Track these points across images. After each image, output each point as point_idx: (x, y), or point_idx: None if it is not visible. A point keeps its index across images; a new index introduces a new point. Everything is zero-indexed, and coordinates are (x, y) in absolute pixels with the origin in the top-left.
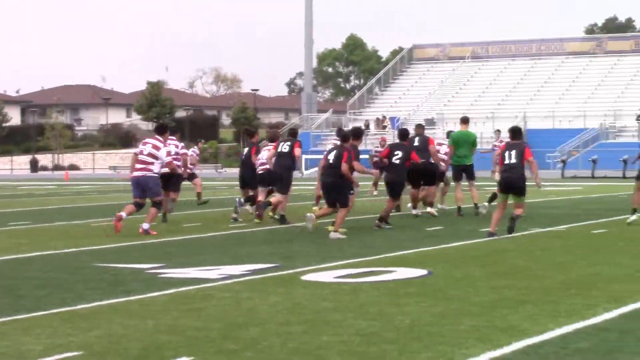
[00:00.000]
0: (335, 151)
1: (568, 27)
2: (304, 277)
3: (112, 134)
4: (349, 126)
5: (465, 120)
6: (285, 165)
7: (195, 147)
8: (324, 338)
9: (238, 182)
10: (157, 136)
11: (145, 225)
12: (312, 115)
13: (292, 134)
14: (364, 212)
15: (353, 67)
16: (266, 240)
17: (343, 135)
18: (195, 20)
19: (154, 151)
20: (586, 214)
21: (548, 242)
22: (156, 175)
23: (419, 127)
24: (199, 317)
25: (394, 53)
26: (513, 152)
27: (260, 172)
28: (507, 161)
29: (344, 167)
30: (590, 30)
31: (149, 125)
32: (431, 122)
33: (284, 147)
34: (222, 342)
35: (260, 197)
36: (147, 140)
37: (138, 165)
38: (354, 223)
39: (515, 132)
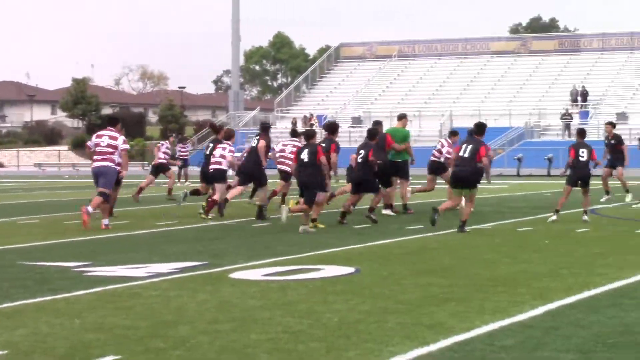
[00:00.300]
0: (307, 149)
1: (493, 27)
2: (232, 275)
3: (36, 131)
4: (276, 124)
5: (400, 117)
6: (254, 161)
7: (167, 141)
8: (252, 336)
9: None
10: (110, 128)
11: (105, 221)
12: (239, 113)
13: (264, 129)
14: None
15: (280, 65)
16: (195, 238)
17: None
18: (122, 17)
19: (112, 142)
20: (512, 212)
21: (474, 240)
22: (116, 168)
23: (377, 125)
24: (126, 315)
25: (321, 51)
26: (469, 147)
27: (210, 170)
28: (461, 154)
29: (323, 160)
30: (515, 30)
31: (75, 122)
32: (358, 121)
33: (253, 142)
34: (150, 340)
35: (215, 195)
36: (101, 132)
37: (98, 157)
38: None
39: (480, 127)
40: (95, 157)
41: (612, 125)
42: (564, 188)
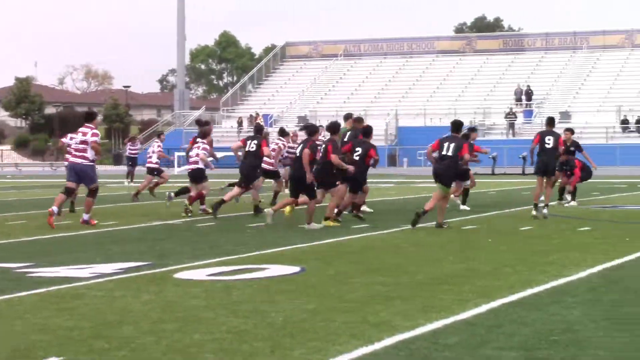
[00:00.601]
0: (301, 145)
1: (438, 26)
2: (177, 275)
3: None
4: (222, 123)
5: (346, 117)
6: (250, 163)
7: (158, 139)
8: (196, 336)
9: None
10: (87, 124)
11: (86, 216)
12: (184, 112)
13: (258, 130)
14: (238, 210)
15: (226, 64)
16: (139, 238)
17: (309, 130)
18: (66, 16)
19: (83, 137)
20: (457, 211)
21: (420, 239)
22: (92, 163)
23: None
24: (70, 316)
25: (267, 50)
26: (451, 145)
27: (189, 170)
28: (443, 152)
29: (334, 158)
30: (460, 29)
31: (18, 122)
32: (304, 120)
33: (252, 146)
34: (94, 341)
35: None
36: (80, 129)
37: (76, 153)
38: (227, 221)
39: (456, 125)
40: (70, 153)
41: (571, 131)
42: (537, 180)
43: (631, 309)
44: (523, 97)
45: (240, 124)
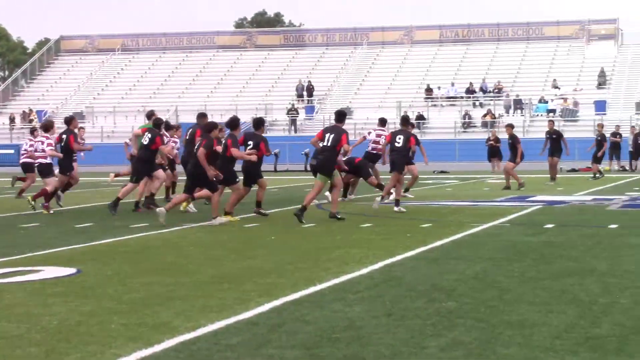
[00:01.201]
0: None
1: (219, 21)
2: None
3: None
4: None
5: (149, 116)
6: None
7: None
8: None
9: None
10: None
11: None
12: None
13: (156, 125)
14: (9, 210)
15: None
16: None
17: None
18: None
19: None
20: (242, 208)
21: (200, 237)
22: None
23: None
24: None
25: (41, 44)
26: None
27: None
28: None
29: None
30: (240, 24)
31: None
32: (80, 116)
33: (145, 138)
34: None
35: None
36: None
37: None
38: (4, 220)
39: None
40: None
41: (511, 126)
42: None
43: (411, 304)
44: (304, 93)
45: (12, 120)
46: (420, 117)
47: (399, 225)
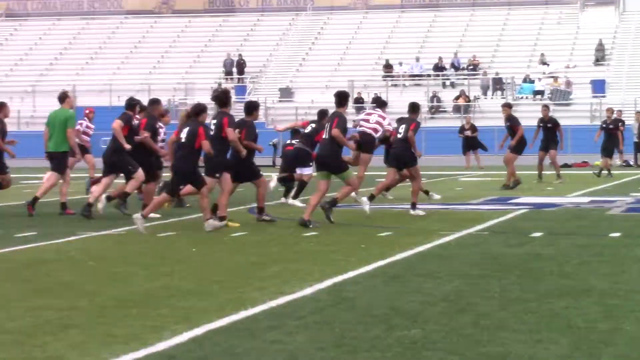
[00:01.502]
0: (188, 128)
1: None
2: None
3: None
4: None
5: (61, 98)
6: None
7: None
8: None
9: None
10: None
11: None
12: None
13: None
14: None
15: None
16: None
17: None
18: None
19: None
20: (166, 213)
21: (103, 250)
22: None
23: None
24: None
25: None
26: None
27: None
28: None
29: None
30: None
31: None
32: None
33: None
34: None
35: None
36: None
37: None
38: None
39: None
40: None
41: (509, 106)
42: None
43: (366, 333)
44: (234, 69)
45: None
46: (378, 100)
47: (352, 234)
